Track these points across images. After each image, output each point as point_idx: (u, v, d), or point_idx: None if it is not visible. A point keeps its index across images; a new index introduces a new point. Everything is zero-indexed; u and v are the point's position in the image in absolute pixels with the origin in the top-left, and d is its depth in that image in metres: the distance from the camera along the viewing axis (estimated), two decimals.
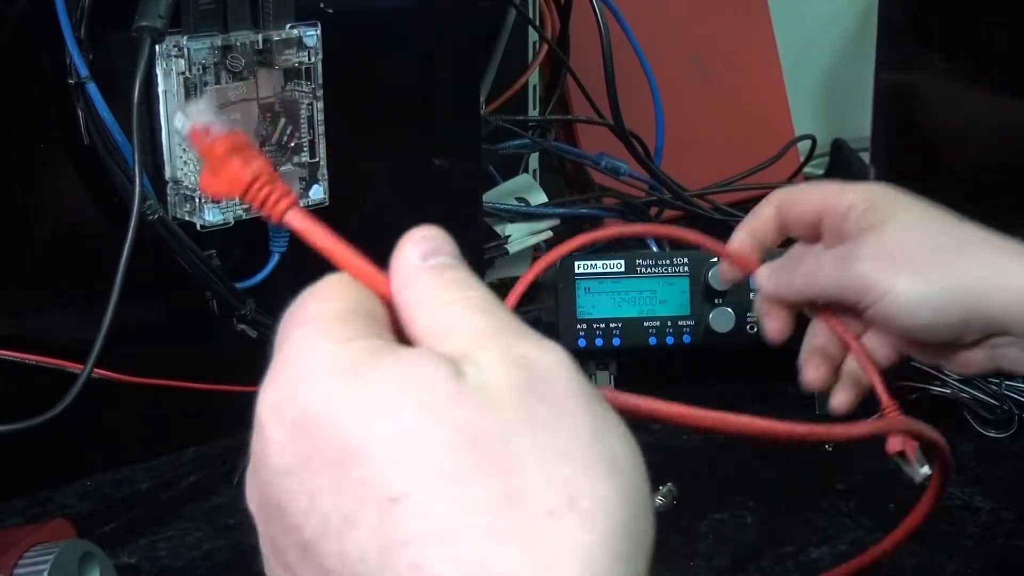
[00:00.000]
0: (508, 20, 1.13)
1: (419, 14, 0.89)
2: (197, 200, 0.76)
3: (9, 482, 0.79)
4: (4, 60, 0.74)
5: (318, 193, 0.81)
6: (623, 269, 0.90)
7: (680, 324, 0.90)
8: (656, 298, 0.90)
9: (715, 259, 0.67)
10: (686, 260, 0.90)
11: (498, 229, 1.07)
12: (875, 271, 0.60)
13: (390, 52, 0.89)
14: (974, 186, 1.08)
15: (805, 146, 1.38)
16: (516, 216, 1.08)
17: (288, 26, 0.78)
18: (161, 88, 0.74)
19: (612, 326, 0.90)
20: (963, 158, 1.09)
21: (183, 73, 0.74)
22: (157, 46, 0.73)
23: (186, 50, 0.73)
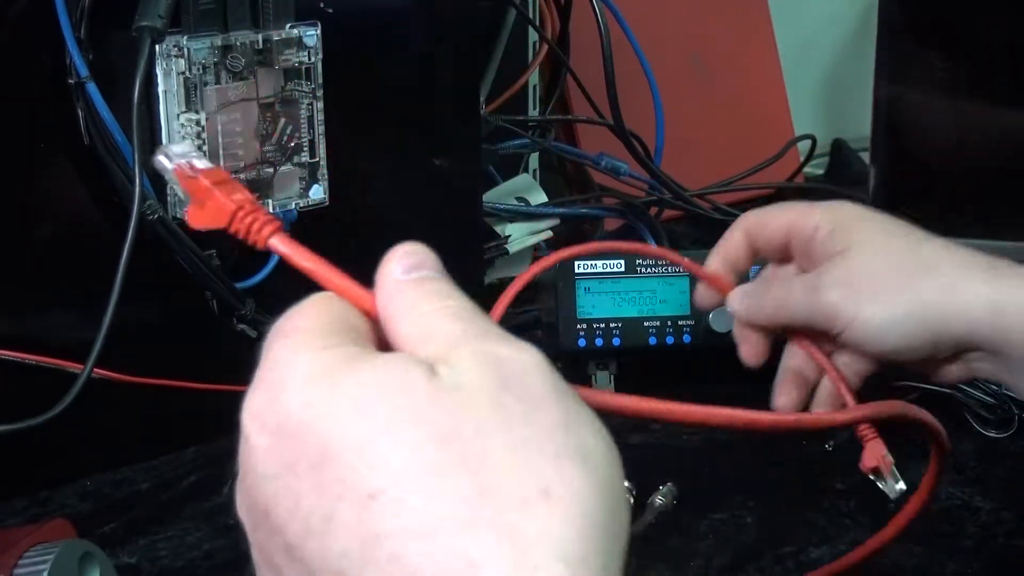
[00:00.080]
0: (508, 20, 1.13)
1: (419, 14, 0.89)
2: None
3: (9, 482, 0.79)
4: (4, 60, 0.73)
5: (318, 193, 0.81)
6: (623, 269, 0.90)
7: (680, 324, 0.90)
8: (656, 298, 0.90)
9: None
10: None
11: (498, 229, 1.06)
12: (841, 299, 0.61)
13: (390, 52, 0.89)
14: (974, 187, 1.08)
15: (805, 146, 1.38)
16: (516, 216, 1.08)
17: (288, 26, 0.78)
18: (161, 88, 0.74)
19: (612, 326, 0.90)
20: (963, 158, 1.09)
21: (183, 73, 0.74)
22: (157, 46, 0.73)
23: (186, 50, 0.73)
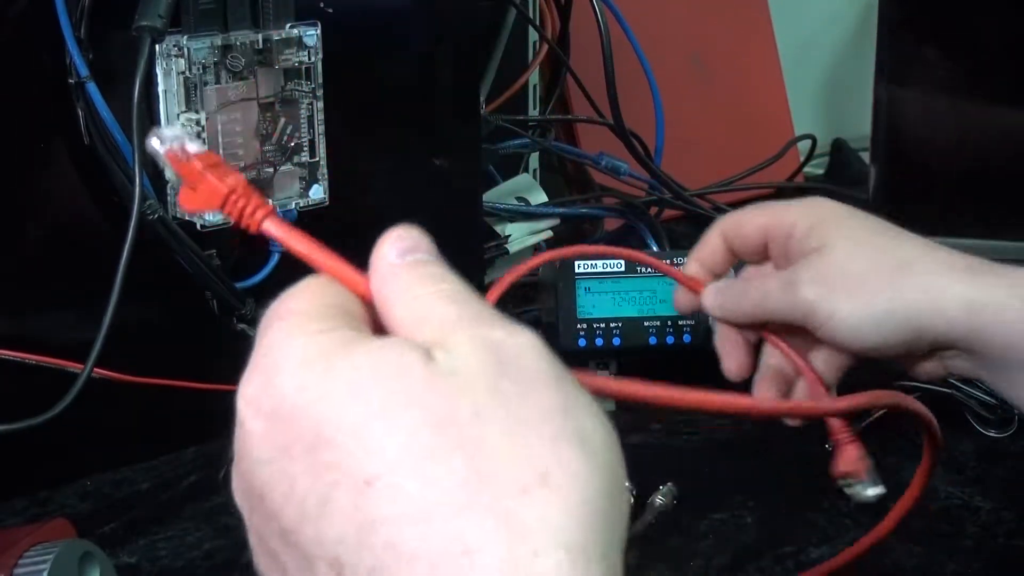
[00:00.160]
0: (508, 20, 1.13)
1: (419, 14, 0.89)
2: None
3: (9, 482, 0.79)
4: (4, 60, 0.73)
5: (318, 193, 0.81)
6: (623, 269, 0.90)
7: (680, 324, 0.90)
8: (656, 298, 0.90)
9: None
10: (686, 260, 0.90)
11: (498, 229, 1.07)
12: (818, 296, 0.61)
13: (390, 52, 0.89)
14: (974, 186, 1.08)
15: (805, 146, 1.38)
16: (516, 216, 1.08)
17: (288, 26, 0.78)
18: (161, 88, 0.74)
19: (612, 326, 0.90)
20: (963, 158, 1.09)
21: (183, 73, 0.74)
22: (157, 46, 0.73)
23: (186, 50, 0.73)
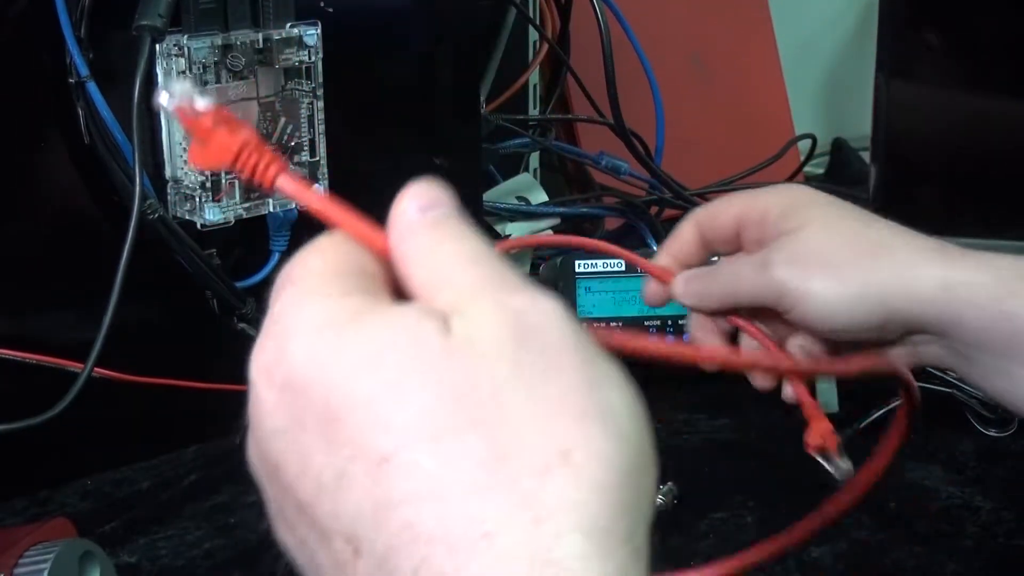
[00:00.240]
0: (508, 19, 1.13)
1: (419, 13, 0.89)
2: (197, 199, 0.76)
3: (9, 481, 0.79)
4: (4, 59, 0.74)
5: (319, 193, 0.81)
6: (623, 268, 0.90)
7: (680, 324, 0.90)
8: None
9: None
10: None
11: (498, 228, 1.07)
12: (790, 275, 0.60)
13: (390, 51, 0.89)
14: (974, 185, 1.08)
15: (805, 145, 1.38)
16: (516, 215, 1.08)
17: (288, 25, 0.78)
18: (162, 87, 0.74)
19: (612, 326, 0.90)
20: (963, 156, 1.09)
21: (184, 72, 0.74)
22: (157, 45, 0.73)
23: (186, 49, 0.73)
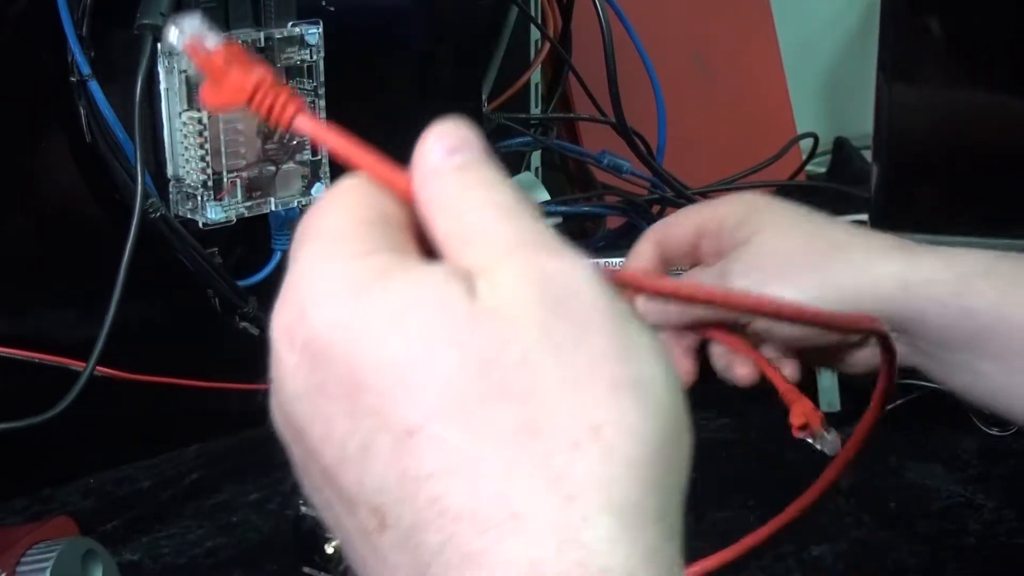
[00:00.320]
0: (510, 18, 1.13)
1: (420, 13, 0.89)
2: (199, 198, 0.76)
3: (11, 480, 0.79)
4: (5, 58, 0.74)
5: (320, 191, 0.81)
6: None
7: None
8: None
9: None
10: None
11: None
12: (749, 284, 0.60)
13: (392, 50, 0.89)
14: (976, 184, 1.08)
15: (807, 144, 1.38)
16: None
17: (290, 24, 0.78)
18: (163, 86, 0.74)
19: None
20: (965, 156, 1.09)
21: (185, 71, 0.74)
22: (159, 44, 0.73)
23: None
